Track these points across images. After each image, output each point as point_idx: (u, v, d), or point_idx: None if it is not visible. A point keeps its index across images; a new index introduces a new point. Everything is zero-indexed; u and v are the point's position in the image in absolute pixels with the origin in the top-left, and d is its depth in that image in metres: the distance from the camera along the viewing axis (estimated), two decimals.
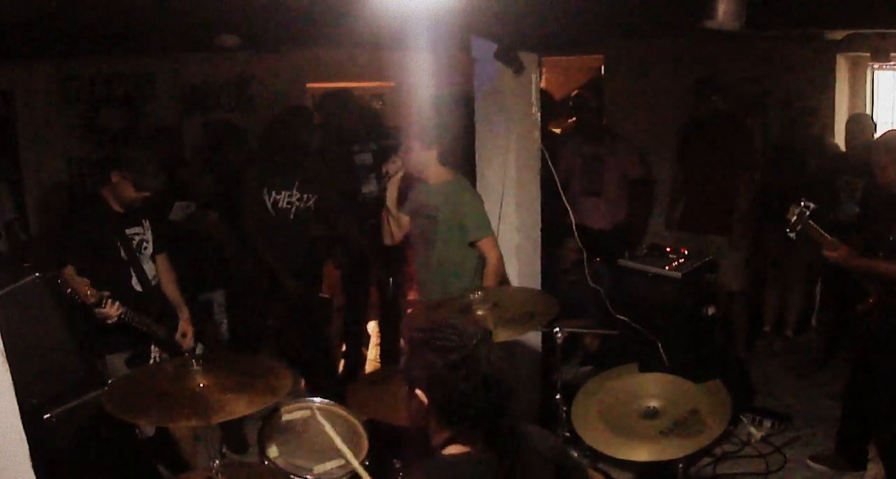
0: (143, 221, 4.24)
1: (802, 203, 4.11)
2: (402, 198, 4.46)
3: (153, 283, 4.25)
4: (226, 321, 5.87)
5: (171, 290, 4.37)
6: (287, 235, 5.24)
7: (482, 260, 4.26)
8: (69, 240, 4.01)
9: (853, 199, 5.56)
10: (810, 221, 4.07)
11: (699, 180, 6.01)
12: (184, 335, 4.28)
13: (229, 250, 5.63)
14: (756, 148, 5.86)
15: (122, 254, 4.10)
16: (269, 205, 5.18)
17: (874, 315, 4.24)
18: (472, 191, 4.40)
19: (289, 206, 5.22)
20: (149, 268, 4.24)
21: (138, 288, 4.16)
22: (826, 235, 4.09)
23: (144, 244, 4.23)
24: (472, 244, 4.24)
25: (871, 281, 4.22)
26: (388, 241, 4.58)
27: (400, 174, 4.37)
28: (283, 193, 5.19)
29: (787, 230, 4.15)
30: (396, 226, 4.49)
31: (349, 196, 5.74)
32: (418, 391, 2.06)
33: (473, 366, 2.00)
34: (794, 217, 4.11)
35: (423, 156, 4.26)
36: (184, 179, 5.71)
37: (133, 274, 4.15)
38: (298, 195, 5.23)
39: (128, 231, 4.15)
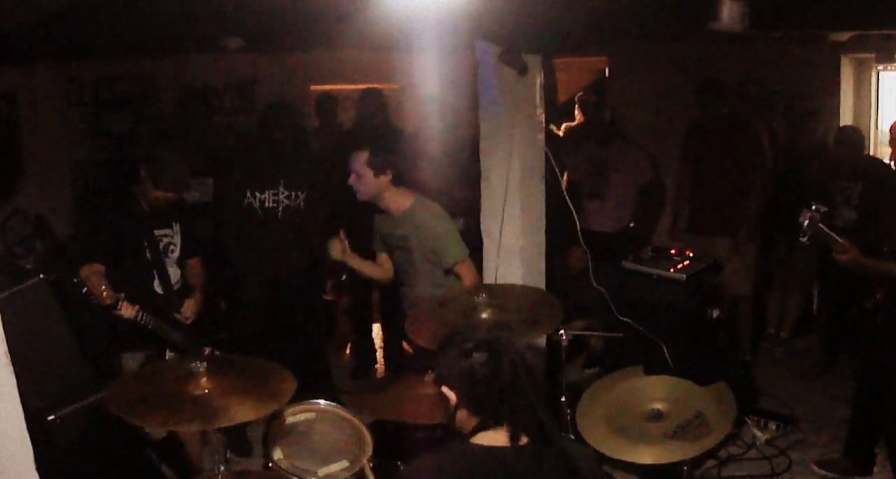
0: (174, 223, 4.24)
1: (814, 207, 4.05)
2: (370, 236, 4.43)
3: (176, 287, 4.24)
4: None
5: (196, 280, 4.36)
6: (276, 234, 5.14)
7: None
8: (97, 235, 4.05)
9: (849, 204, 5.55)
10: (821, 225, 4.03)
11: (706, 184, 5.99)
12: (188, 309, 4.23)
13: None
14: (765, 150, 5.84)
15: (148, 255, 4.11)
16: (255, 206, 5.08)
17: (882, 312, 4.25)
18: (439, 214, 4.20)
19: (275, 204, 5.11)
20: (173, 272, 4.25)
21: (159, 291, 4.16)
22: (837, 237, 4.06)
23: (172, 247, 4.23)
24: (448, 271, 4.15)
25: (879, 281, 4.23)
26: (384, 280, 4.54)
27: (346, 252, 4.29)
28: (267, 192, 5.09)
29: (800, 236, 4.08)
30: (382, 269, 4.44)
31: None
32: (444, 389, 2.19)
33: (492, 351, 2.13)
34: (807, 222, 4.04)
35: (375, 184, 4.09)
36: None
37: (156, 276, 4.16)
38: (286, 193, 5.12)
39: (156, 232, 4.16)
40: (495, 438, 2.14)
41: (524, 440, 2.13)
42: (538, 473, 2.09)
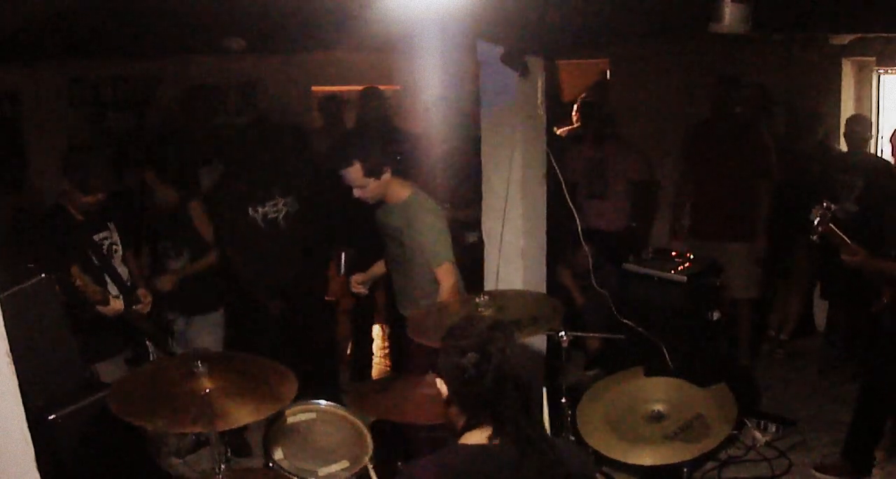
0: (109, 223, 4.24)
1: (825, 204, 4.04)
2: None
3: (129, 285, 4.25)
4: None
5: (134, 270, 4.38)
6: (281, 245, 5.08)
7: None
8: (39, 251, 3.95)
9: (851, 197, 5.54)
10: (831, 225, 4.03)
11: (712, 187, 5.88)
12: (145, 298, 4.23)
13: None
14: (772, 156, 5.76)
15: (95, 261, 4.11)
16: (258, 220, 5.02)
17: (888, 314, 4.22)
18: (432, 210, 4.14)
19: (276, 214, 5.07)
20: (122, 271, 4.26)
21: (115, 292, 4.15)
22: (845, 238, 4.04)
23: (114, 247, 4.24)
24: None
25: (886, 282, 4.19)
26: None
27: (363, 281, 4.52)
28: (267, 204, 5.03)
29: (811, 234, 4.09)
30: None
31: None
32: (438, 380, 2.23)
33: (484, 352, 2.13)
34: (818, 219, 4.03)
35: (378, 186, 4.04)
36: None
37: (108, 279, 4.15)
38: (284, 200, 5.08)
39: (95, 237, 4.15)
40: (484, 436, 2.16)
41: (509, 439, 2.15)
42: (523, 470, 2.11)
